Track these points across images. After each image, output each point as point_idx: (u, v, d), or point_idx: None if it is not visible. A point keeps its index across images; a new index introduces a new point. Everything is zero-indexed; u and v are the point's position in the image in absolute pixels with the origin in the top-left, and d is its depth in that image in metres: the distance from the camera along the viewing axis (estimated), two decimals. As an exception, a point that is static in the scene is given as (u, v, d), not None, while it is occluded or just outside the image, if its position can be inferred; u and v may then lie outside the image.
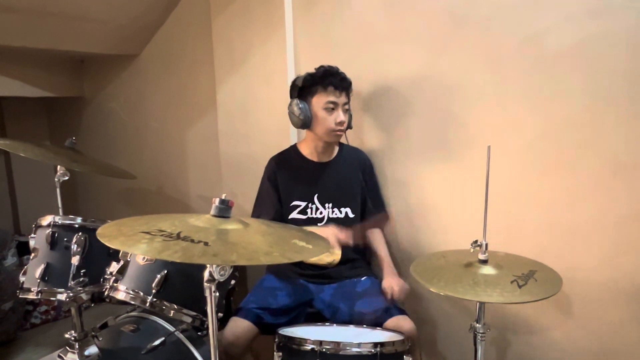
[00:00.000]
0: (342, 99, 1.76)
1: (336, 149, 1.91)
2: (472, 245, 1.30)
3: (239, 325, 1.61)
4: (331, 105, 1.75)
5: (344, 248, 1.80)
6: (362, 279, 1.80)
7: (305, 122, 1.78)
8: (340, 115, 1.75)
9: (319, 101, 1.76)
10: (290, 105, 1.80)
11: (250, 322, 1.62)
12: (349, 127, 1.87)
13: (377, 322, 1.59)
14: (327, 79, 1.75)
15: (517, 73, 1.61)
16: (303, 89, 1.78)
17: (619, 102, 1.46)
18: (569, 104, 1.54)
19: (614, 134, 1.48)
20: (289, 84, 1.85)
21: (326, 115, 1.75)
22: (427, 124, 1.85)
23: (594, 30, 1.46)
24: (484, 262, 1.29)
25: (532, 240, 1.65)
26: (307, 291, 1.80)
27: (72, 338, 1.50)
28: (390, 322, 1.59)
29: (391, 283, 1.68)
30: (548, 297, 1.19)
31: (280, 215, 1.84)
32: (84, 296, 1.58)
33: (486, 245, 1.29)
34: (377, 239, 1.91)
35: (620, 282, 1.52)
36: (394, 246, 1.97)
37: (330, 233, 1.67)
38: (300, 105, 1.77)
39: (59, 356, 1.45)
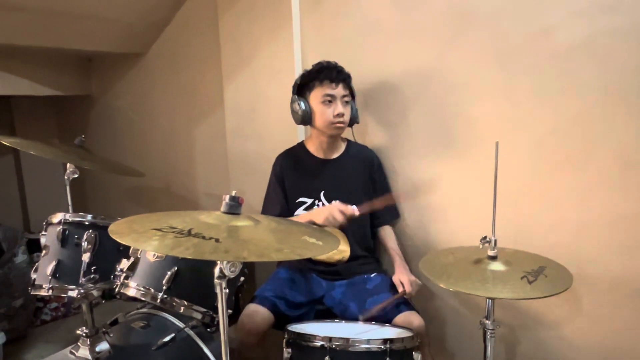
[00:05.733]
0: (340, 91, 1.75)
1: (343, 146, 1.91)
2: (481, 241, 1.30)
3: (256, 314, 1.61)
4: (328, 98, 1.75)
5: (353, 245, 1.81)
6: (372, 275, 1.80)
7: (304, 118, 1.79)
8: (338, 107, 1.75)
9: (316, 95, 1.76)
10: (291, 102, 1.82)
11: (267, 310, 1.63)
12: (356, 121, 1.87)
13: (386, 318, 1.59)
14: (323, 73, 1.76)
15: (527, 68, 1.61)
16: (302, 85, 1.80)
17: (629, 98, 1.45)
18: (579, 100, 1.53)
19: (625, 130, 1.47)
20: (297, 81, 1.85)
21: (324, 109, 1.75)
22: (435, 121, 1.84)
23: (604, 25, 1.45)
24: (493, 258, 1.29)
25: (541, 236, 1.64)
26: (319, 287, 1.81)
27: (84, 334, 1.52)
28: (400, 318, 1.59)
29: (401, 278, 1.68)
30: (558, 293, 1.18)
31: (286, 212, 1.85)
32: (95, 293, 1.59)
33: (495, 241, 1.29)
34: (387, 235, 1.91)
35: (631, 278, 1.51)
36: (403, 242, 1.97)
37: (334, 208, 1.61)
38: (299, 102, 1.79)
39: (71, 352, 1.47)
